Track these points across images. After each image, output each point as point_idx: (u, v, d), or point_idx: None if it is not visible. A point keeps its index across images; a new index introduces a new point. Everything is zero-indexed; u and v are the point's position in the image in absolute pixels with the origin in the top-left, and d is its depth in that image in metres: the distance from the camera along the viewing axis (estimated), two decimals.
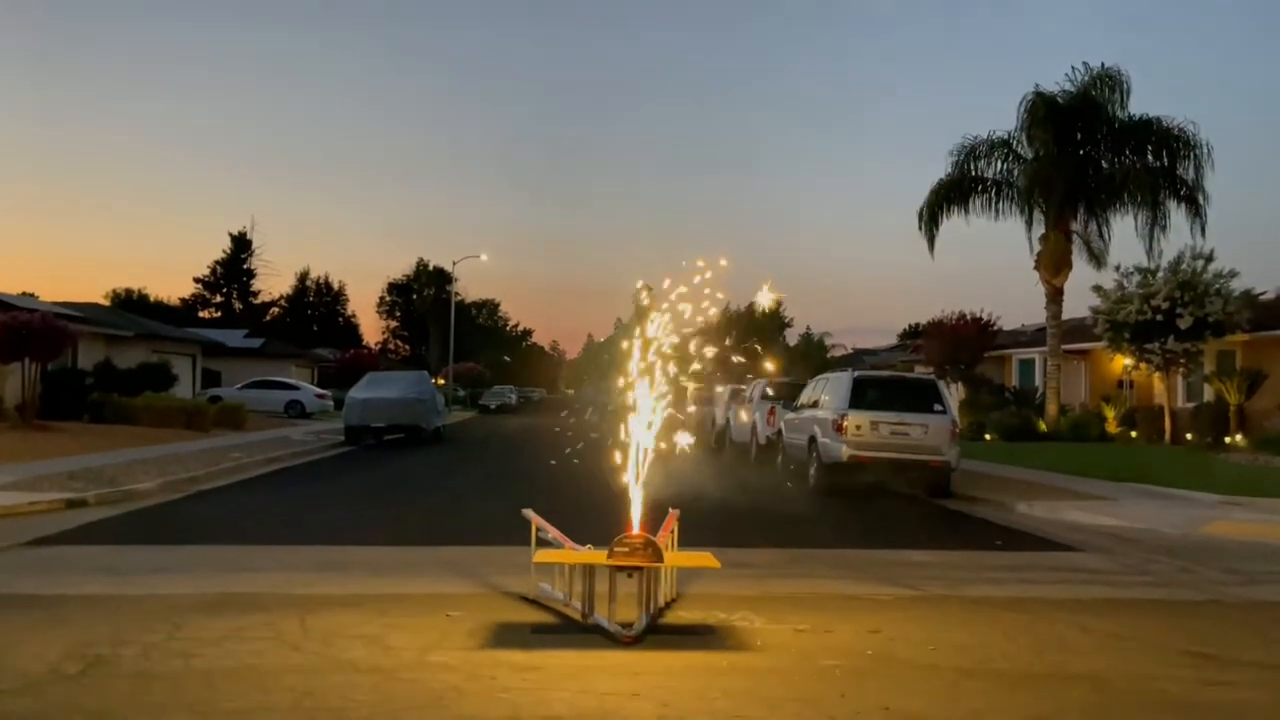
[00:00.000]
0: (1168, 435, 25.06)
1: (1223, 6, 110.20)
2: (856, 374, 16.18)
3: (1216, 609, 7.44)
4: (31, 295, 36.76)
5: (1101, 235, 28.29)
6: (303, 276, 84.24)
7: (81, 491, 12.11)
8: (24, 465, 14.74)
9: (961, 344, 33.32)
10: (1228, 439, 22.68)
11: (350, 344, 71.92)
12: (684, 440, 6.71)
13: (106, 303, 61.17)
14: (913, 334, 51.74)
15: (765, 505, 13.76)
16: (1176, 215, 26.54)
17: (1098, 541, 10.81)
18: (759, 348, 6.69)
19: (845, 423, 14.78)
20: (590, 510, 10.16)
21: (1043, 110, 27.26)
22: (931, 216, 28.75)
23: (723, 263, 6.61)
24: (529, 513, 6.98)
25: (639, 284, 6.99)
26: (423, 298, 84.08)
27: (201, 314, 73.35)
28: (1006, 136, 28.51)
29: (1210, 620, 7.05)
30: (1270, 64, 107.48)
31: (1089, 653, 5.95)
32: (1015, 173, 28.55)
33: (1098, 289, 26.20)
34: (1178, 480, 15.66)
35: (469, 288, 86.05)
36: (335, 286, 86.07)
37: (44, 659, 5.21)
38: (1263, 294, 27.24)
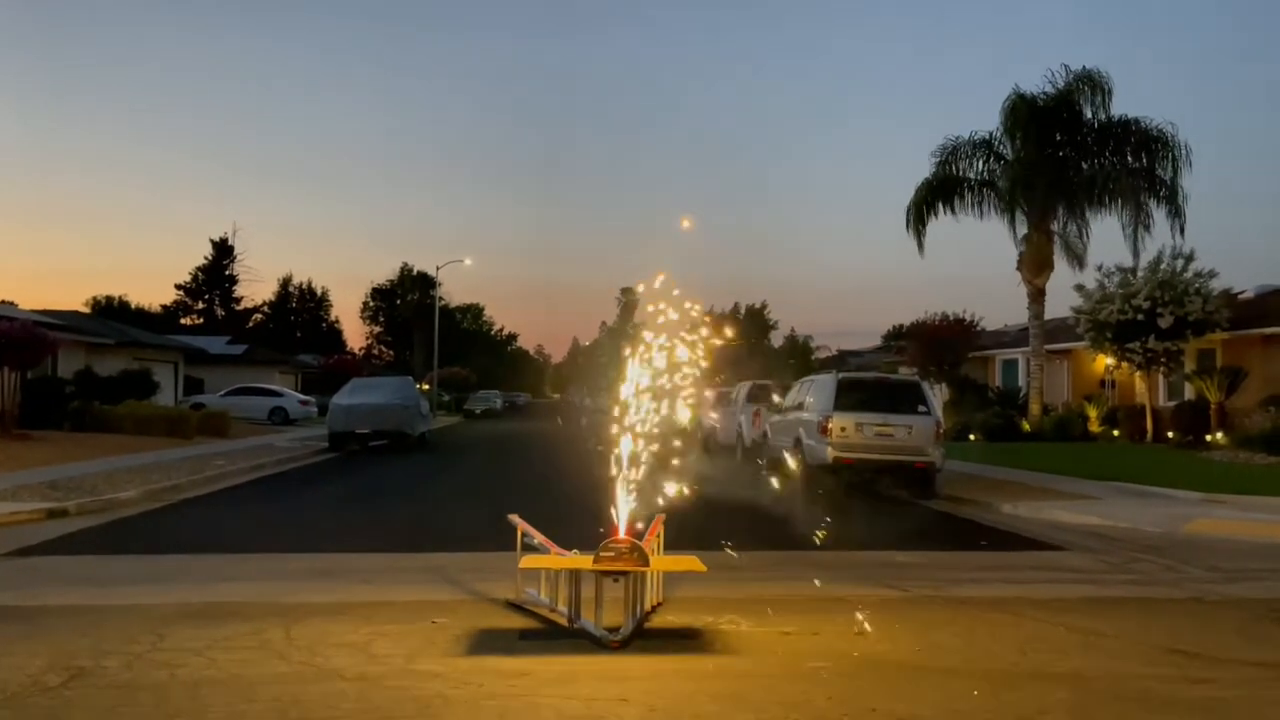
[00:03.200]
0: (1149, 434, 25.24)
1: (1196, 9, 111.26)
2: (841, 376, 16.23)
3: (1199, 607, 7.50)
4: (11, 303, 36.34)
5: (1082, 236, 28.53)
6: (285, 282, 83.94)
7: (63, 501, 12.01)
8: (4, 475, 14.61)
9: (945, 345, 33.49)
10: (1209, 437, 22.86)
11: (334, 350, 71.65)
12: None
13: (87, 310, 60.75)
14: (897, 335, 51.96)
15: (751, 508, 13.78)
16: (1156, 215, 26.82)
17: (1081, 540, 10.88)
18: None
19: (830, 424, 14.82)
20: (576, 515, 10.14)
21: (1023, 112, 27.45)
22: (919, 216, 28.89)
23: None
24: (515, 518, 6.97)
25: (630, 288, 7.05)
26: (407, 303, 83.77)
27: (183, 321, 72.91)
28: (988, 137, 28.71)
29: (1193, 618, 7.10)
30: (1248, 65, 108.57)
31: (1073, 652, 5.98)
32: (997, 173, 28.74)
33: (1079, 289, 26.39)
34: (1160, 479, 15.77)
35: (453, 292, 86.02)
36: (318, 292, 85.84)
37: (25, 671, 5.16)
38: (1241, 293, 27.51)
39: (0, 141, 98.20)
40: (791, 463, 16.35)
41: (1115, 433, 26.67)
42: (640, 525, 6.61)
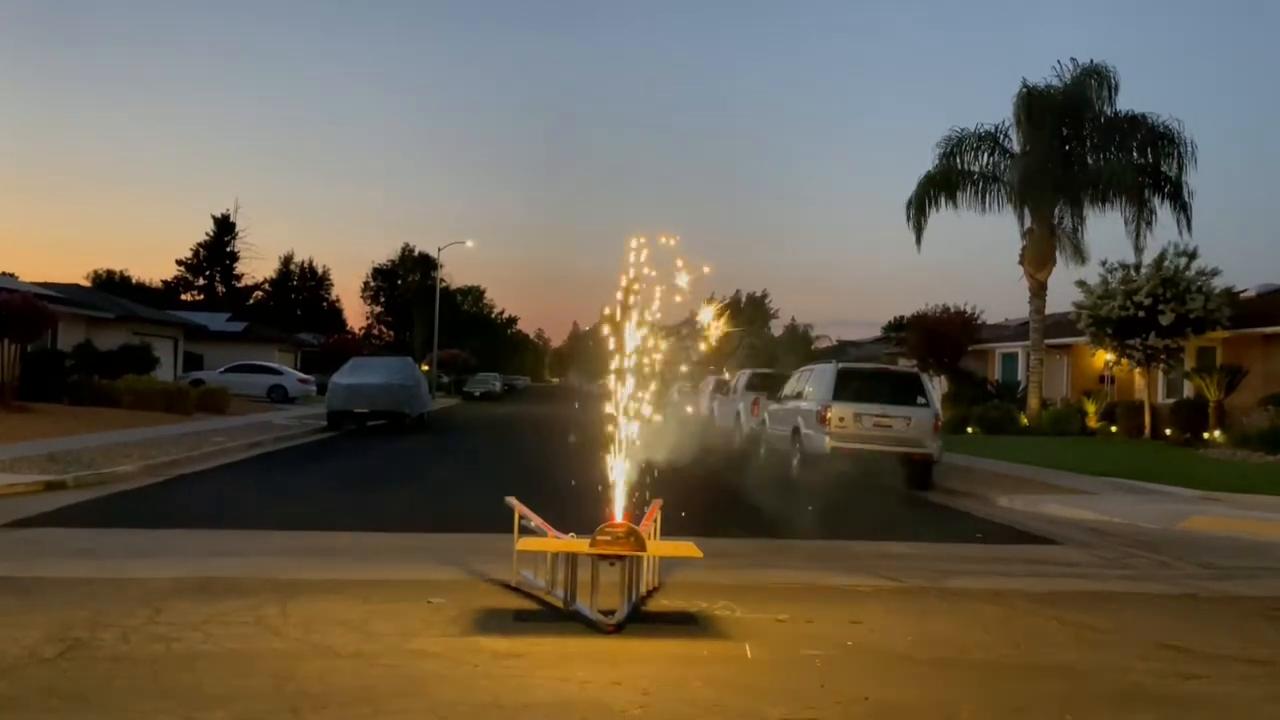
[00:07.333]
0: (1148, 430, 25.26)
1: (1199, 8, 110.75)
2: (840, 366, 16.23)
3: (1193, 603, 7.52)
4: (11, 276, 36.35)
5: (1078, 231, 28.47)
6: (286, 260, 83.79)
7: (61, 474, 12.01)
8: (2, 447, 14.61)
9: (945, 338, 33.45)
10: (1207, 435, 22.87)
11: (334, 329, 71.58)
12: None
13: (88, 284, 60.69)
14: (897, 327, 51.85)
15: (748, 496, 13.80)
16: (1161, 212, 26.80)
17: (1077, 535, 10.90)
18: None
19: (829, 414, 14.83)
20: (573, 499, 10.15)
21: (1031, 105, 27.36)
22: (919, 208, 28.84)
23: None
24: (512, 500, 6.97)
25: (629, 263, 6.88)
26: (407, 283, 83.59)
27: (184, 296, 72.82)
28: (993, 130, 28.63)
29: (1186, 614, 7.12)
30: (1249, 62, 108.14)
31: (1066, 645, 6.00)
32: (1002, 167, 28.66)
33: (1081, 284, 26.36)
34: (1157, 475, 15.78)
35: (454, 274, 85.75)
36: (319, 271, 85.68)
37: (21, 642, 5.17)
38: (1243, 291, 27.47)
39: (3, 115, 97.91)
40: (789, 452, 16.36)
41: (1113, 429, 26.70)
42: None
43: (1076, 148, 28.01)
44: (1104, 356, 27.65)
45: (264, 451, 17.97)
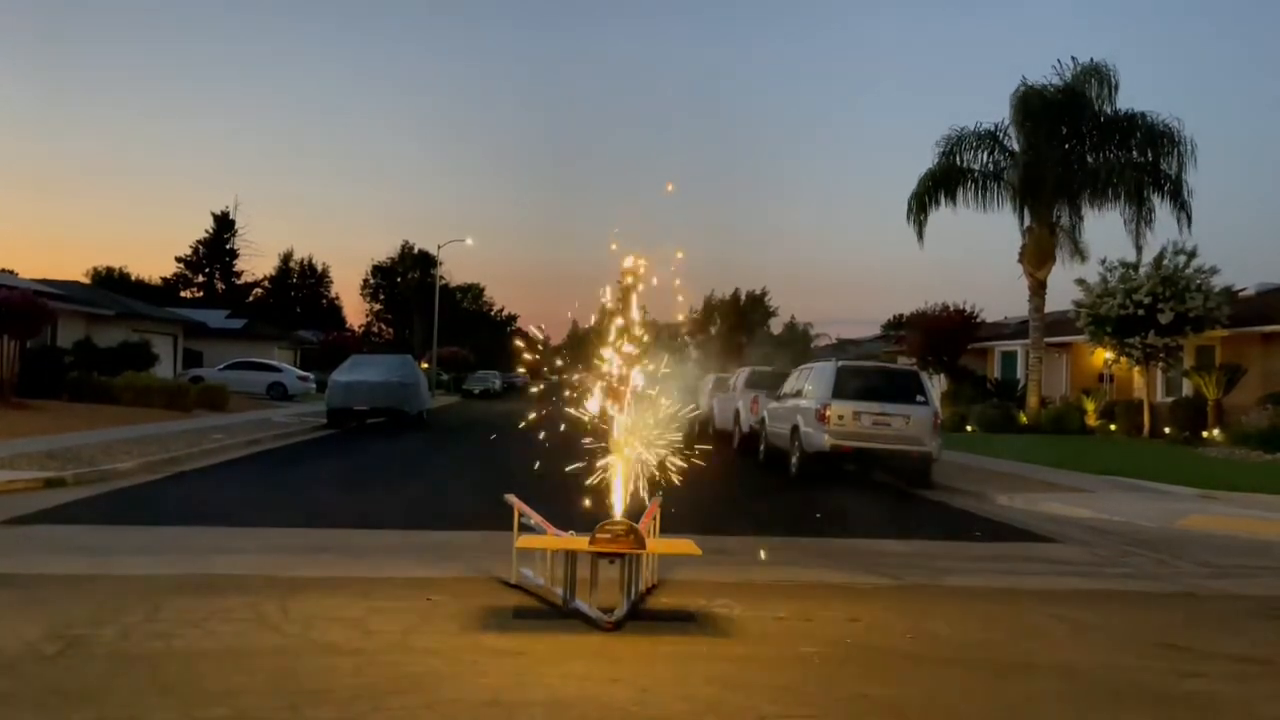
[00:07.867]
0: (1146, 429, 25.29)
1: (1199, 9, 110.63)
2: (840, 364, 16.24)
3: (1191, 602, 7.53)
4: (11, 272, 36.30)
5: (1076, 230, 28.48)
6: (286, 257, 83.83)
7: (60, 470, 12.01)
8: (2, 443, 14.61)
9: (944, 336, 33.48)
10: (1205, 433, 22.90)
11: (333, 326, 71.69)
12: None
13: (87, 281, 60.75)
14: (897, 325, 51.84)
15: (747, 493, 13.81)
16: (1160, 211, 26.83)
17: (1075, 533, 10.91)
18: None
19: (828, 412, 14.84)
20: (573, 496, 10.16)
21: (1031, 103, 27.37)
22: (920, 206, 28.86)
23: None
24: (511, 498, 6.97)
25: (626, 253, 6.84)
26: (407, 281, 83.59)
27: (183, 294, 72.83)
28: (993, 128, 28.64)
29: (1184, 613, 7.13)
30: (1247, 62, 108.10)
31: (1064, 643, 6.02)
32: (1001, 165, 28.68)
33: (1081, 283, 26.38)
34: (1155, 474, 15.80)
35: (453, 272, 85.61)
36: (319, 268, 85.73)
37: (22, 638, 5.18)
38: (1242, 290, 27.52)
39: (5, 110, 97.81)
40: (788, 449, 16.38)
41: (1112, 427, 26.72)
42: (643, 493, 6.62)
43: (1076, 146, 28.02)
44: (1103, 355, 27.68)
45: (263, 449, 17.97)
